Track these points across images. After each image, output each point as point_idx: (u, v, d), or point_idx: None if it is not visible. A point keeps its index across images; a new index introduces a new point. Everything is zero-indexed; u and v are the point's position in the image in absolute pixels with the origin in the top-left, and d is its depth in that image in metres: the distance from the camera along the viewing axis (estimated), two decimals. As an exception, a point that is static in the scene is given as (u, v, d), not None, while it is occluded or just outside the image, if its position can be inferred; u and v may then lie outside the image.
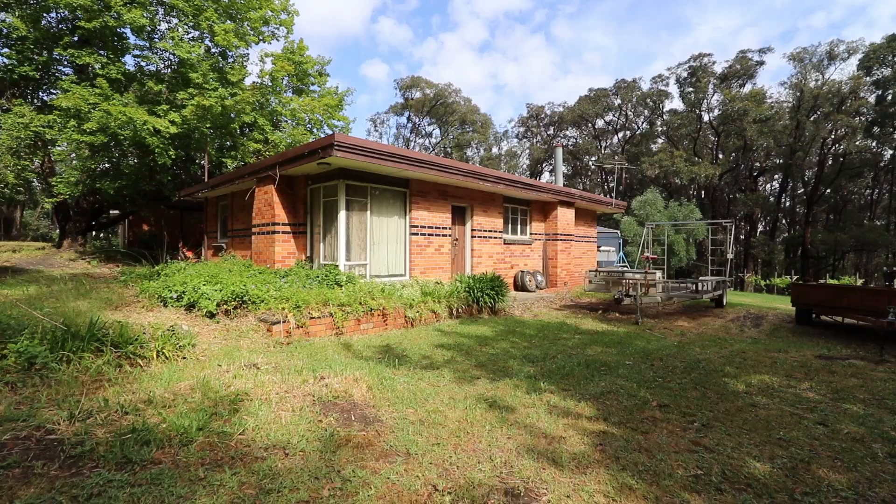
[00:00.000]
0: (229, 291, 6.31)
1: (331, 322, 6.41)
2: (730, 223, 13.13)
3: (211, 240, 14.10)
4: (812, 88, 40.37)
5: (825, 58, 40.56)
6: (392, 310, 7.21)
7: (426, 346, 5.99)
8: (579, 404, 3.85)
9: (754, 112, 39.73)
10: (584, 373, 4.91)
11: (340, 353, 5.34)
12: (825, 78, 40.74)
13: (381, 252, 9.70)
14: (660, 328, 8.44)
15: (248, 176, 10.21)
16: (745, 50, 45.40)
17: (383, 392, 3.80)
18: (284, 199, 9.61)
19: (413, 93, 44.98)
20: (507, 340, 6.61)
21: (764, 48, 45.35)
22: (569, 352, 6.03)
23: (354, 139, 7.84)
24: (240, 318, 6.18)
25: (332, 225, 9.14)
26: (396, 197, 10.02)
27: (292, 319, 5.96)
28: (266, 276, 8.02)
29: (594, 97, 50.72)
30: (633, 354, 6.01)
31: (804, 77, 41.10)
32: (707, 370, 5.32)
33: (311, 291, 6.88)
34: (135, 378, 3.87)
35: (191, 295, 6.43)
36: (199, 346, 5.07)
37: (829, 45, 40.20)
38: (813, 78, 41.18)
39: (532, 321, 8.67)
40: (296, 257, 9.73)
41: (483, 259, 12.07)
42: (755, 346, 6.99)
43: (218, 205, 13.80)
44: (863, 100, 37.83)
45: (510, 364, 5.17)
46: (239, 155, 15.75)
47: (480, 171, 10.57)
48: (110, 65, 14.39)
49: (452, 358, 5.36)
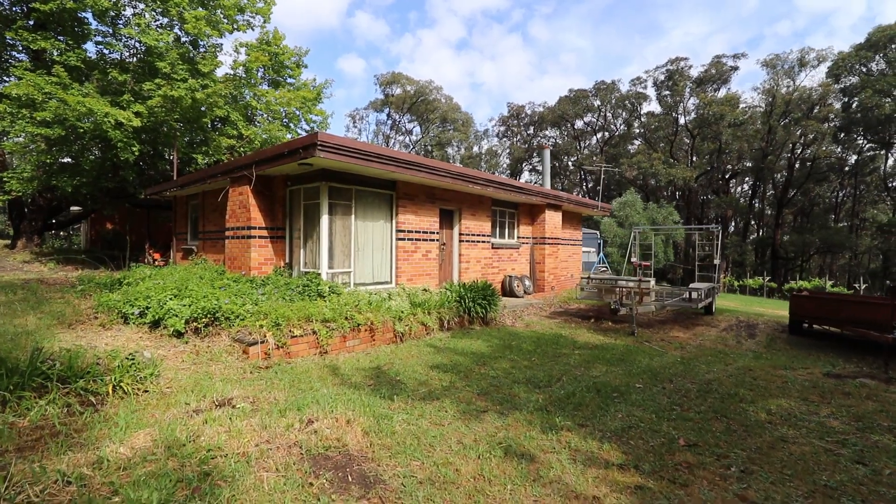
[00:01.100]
0: (199, 307, 5.66)
1: (314, 340, 5.84)
2: (717, 228, 13.08)
3: (180, 242, 13.20)
4: (784, 94, 41.50)
5: (796, 65, 41.74)
6: (380, 324, 6.68)
7: (420, 368, 5.49)
8: (603, 446, 3.43)
9: (730, 116, 40.58)
10: (596, 401, 4.51)
11: (327, 380, 4.79)
12: (796, 84, 41.93)
13: (366, 258, 9.13)
14: (657, 340, 8.17)
15: (222, 175, 9.46)
16: (720, 55, 46.37)
17: (382, 437, 3.29)
18: (261, 201, 8.93)
19: (393, 89, 44.14)
20: (505, 359, 6.18)
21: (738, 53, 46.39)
22: (573, 372, 5.64)
23: (339, 138, 7.26)
24: (212, 336, 5.54)
25: (314, 230, 8.53)
26: (382, 200, 9.46)
27: (271, 339, 5.37)
28: (241, 287, 7.36)
29: (574, 98, 50.93)
30: (639, 375, 5.67)
31: (776, 83, 42.20)
32: (721, 394, 5.01)
33: (293, 305, 6.28)
34: (85, 424, 3.25)
35: (156, 311, 5.75)
36: (165, 374, 4.44)
37: (800, 52, 41.35)
38: (784, 84, 42.33)
39: (526, 333, 8.27)
40: (273, 264, 9.07)
41: (471, 264, 11.63)
42: (758, 361, 6.77)
43: (188, 204, 12.92)
44: (830, 106, 39.08)
45: (516, 391, 4.73)
46: (211, 151, 14.83)
47: (470, 174, 10.11)
48: (69, 51, 13.29)
49: (452, 384, 4.88)
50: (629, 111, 51.90)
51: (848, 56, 37.46)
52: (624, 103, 51.12)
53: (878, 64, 37.13)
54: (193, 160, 14.61)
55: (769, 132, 42.02)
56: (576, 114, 51.31)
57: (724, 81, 46.58)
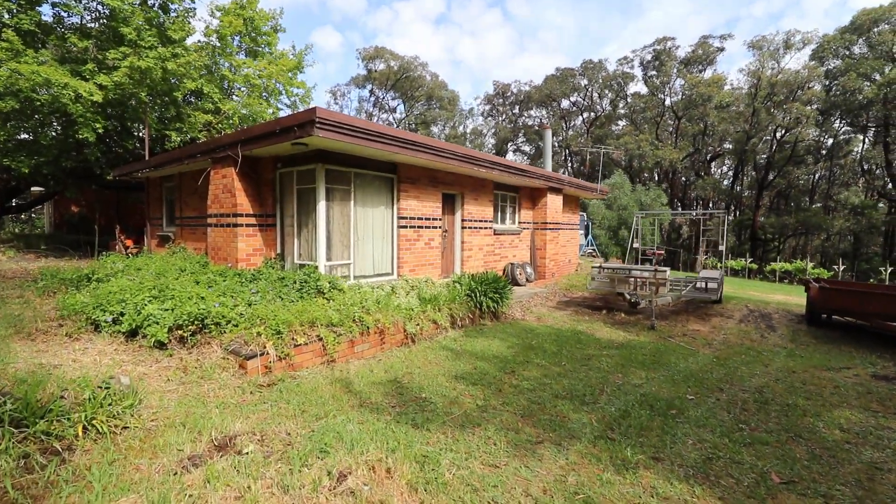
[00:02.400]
0: (185, 311, 4.84)
1: (320, 348, 5.11)
2: (723, 213, 12.71)
3: (155, 228, 12.09)
4: (768, 76, 41.51)
5: (781, 47, 41.68)
6: (391, 325, 5.98)
7: (444, 379, 4.85)
8: (694, 490, 2.87)
9: (717, 98, 40.45)
10: (656, 421, 3.96)
11: (342, 400, 4.10)
12: (781, 66, 41.96)
13: (367, 248, 8.35)
14: (678, 335, 7.72)
15: (202, 155, 8.46)
16: (707, 35, 46.00)
17: (434, 494, 2.63)
18: (248, 185, 8.00)
19: (377, 64, 42.29)
20: (532, 364, 5.59)
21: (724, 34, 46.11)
22: (611, 380, 5.09)
23: (339, 115, 6.39)
24: (201, 347, 4.75)
25: (309, 218, 7.68)
26: (382, 184, 8.64)
27: (272, 350, 4.62)
28: (230, 283, 6.53)
29: (561, 76, 49.98)
30: (683, 382, 5.16)
31: (762, 65, 42.13)
32: (780, 406, 4.55)
33: (293, 307, 5.51)
34: (49, 485, 2.50)
35: (132, 317, 4.90)
36: (149, 401, 3.67)
37: (786, 34, 41.27)
38: (769, 66, 42.30)
39: (542, 329, 7.71)
40: (263, 255, 8.21)
41: (473, 252, 10.97)
42: (795, 360, 6.37)
43: (163, 186, 11.77)
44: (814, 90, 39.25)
45: (561, 409, 4.13)
46: (185, 128, 13.56)
47: (477, 156, 9.34)
48: (22, 13, 11.77)
49: (486, 402, 4.25)
50: (615, 91, 51.34)
51: (833, 39, 37.51)
52: (611, 83, 50.49)
53: (860, 47, 37.28)
54: (167, 137, 13.36)
55: (753, 114, 42.15)
56: (563, 93, 50.47)
57: (709, 62, 46.35)
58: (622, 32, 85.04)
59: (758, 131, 42.96)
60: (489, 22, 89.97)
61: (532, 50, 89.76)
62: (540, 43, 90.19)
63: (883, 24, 34.46)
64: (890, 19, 34.26)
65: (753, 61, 44.29)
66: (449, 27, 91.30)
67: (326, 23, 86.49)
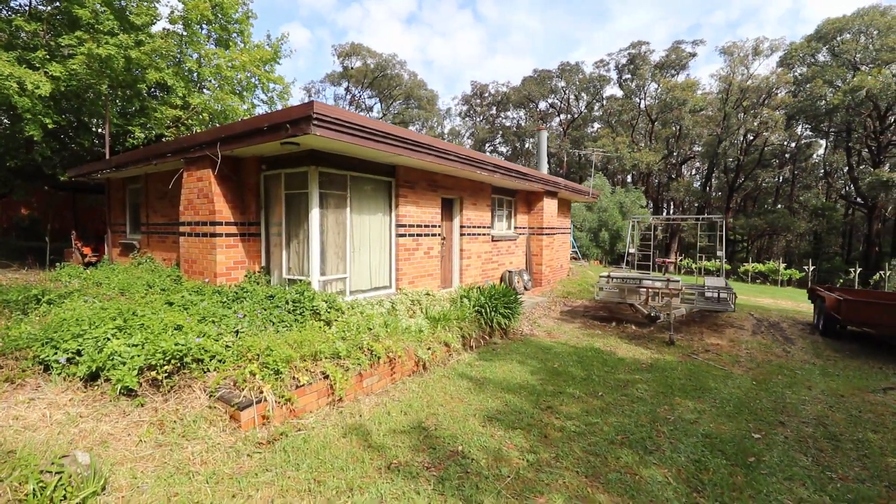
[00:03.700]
0: (158, 348, 3.93)
1: (325, 387, 4.30)
2: (721, 219, 12.49)
3: (118, 235, 10.85)
4: (739, 81, 42.59)
5: (750, 53, 42.86)
6: (402, 353, 5.22)
7: (475, 422, 4.13)
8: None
9: (691, 102, 41.21)
10: (738, 475, 3.37)
11: (364, 461, 3.33)
12: (750, 72, 43.15)
13: (363, 260, 7.54)
14: (700, 350, 7.26)
15: (173, 154, 7.44)
16: (680, 41, 46.98)
17: None
18: (228, 189, 7.06)
19: (353, 61, 41.02)
20: (566, 395, 4.94)
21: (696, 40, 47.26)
22: (660, 415, 4.49)
23: (339, 111, 5.57)
24: (179, 392, 3.87)
25: (300, 226, 6.81)
26: (380, 189, 7.84)
27: (270, 395, 3.79)
28: (210, 304, 5.61)
29: (539, 78, 49.99)
30: (737, 415, 4.63)
31: (733, 70, 43.20)
32: (854, 443, 4.08)
33: (289, 336, 4.67)
34: None
35: (92, 356, 3.96)
36: (117, 479, 2.81)
37: (755, 41, 42.47)
38: (739, 72, 43.42)
39: (557, 347, 7.09)
40: (245, 268, 7.27)
41: (472, 260, 10.28)
42: (834, 381, 5.97)
43: (126, 189, 10.56)
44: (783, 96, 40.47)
45: (626, 462, 3.49)
46: (151, 123, 12.33)
47: (480, 158, 8.66)
48: (-47, -10, 10.37)
49: (536, 455, 3.56)
50: (591, 94, 51.76)
51: (800, 46, 38.76)
52: (587, 86, 50.86)
53: (824, 55, 38.65)
54: (129, 134, 12.10)
55: (724, 118, 43.19)
56: (541, 94, 50.50)
57: (682, 67, 47.33)
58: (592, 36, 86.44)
59: (729, 135, 44.07)
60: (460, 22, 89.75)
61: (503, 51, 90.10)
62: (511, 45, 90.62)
63: (846, 33, 35.79)
64: (852, 29, 35.62)
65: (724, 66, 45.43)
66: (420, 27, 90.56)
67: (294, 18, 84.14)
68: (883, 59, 33.08)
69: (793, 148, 46.94)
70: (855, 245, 48.27)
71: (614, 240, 33.23)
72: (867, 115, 35.03)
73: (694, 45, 46.34)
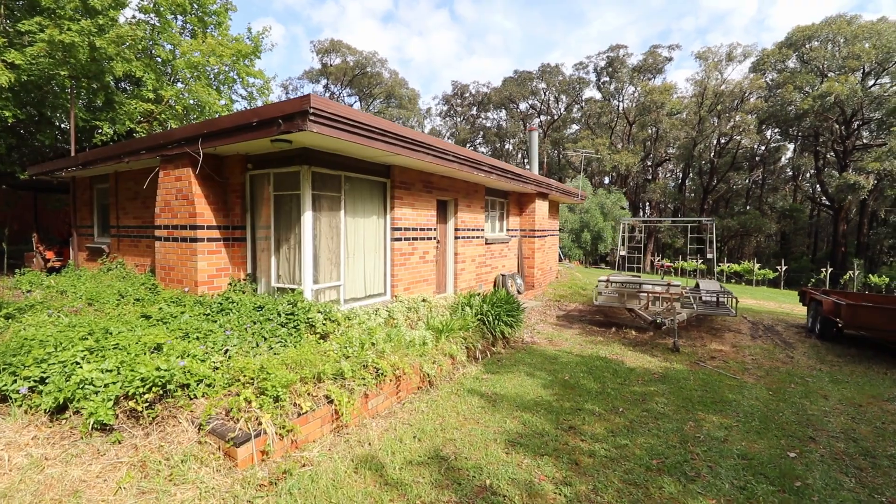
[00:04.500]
0: (138, 374, 3.42)
1: (330, 413, 3.86)
2: (711, 221, 12.49)
3: (85, 238, 10.02)
4: (713, 86, 43.65)
5: (724, 58, 43.97)
6: (409, 369, 4.81)
7: (497, 449, 3.77)
8: None
9: (669, 105, 41.97)
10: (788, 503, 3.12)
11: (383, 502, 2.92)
12: (723, 77, 44.27)
13: (357, 266, 7.08)
14: (705, 357, 7.09)
15: (148, 151, 6.82)
16: (657, 45, 47.80)
17: None
18: (210, 190, 6.49)
19: (332, 58, 40.09)
20: (585, 412, 4.63)
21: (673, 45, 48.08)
22: (687, 432, 4.23)
23: (340, 107, 5.13)
24: (162, 423, 3.36)
25: (291, 231, 6.31)
26: (374, 190, 7.40)
27: (270, 426, 3.33)
28: (192, 316, 5.07)
29: (520, 79, 50.10)
30: (763, 430, 4.41)
31: (707, 75, 44.22)
32: (890, 460, 3.90)
33: (286, 355, 4.20)
34: None
35: (59, 384, 3.41)
36: (88, 541, 2.32)
37: (728, 47, 43.59)
38: (714, 77, 44.49)
39: (562, 356, 6.80)
40: (229, 275, 6.71)
41: (466, 264, 9.93)
42: (845, 388, 5.86)
43: (94, 188, 9.76)
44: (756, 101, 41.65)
45: (670, 492, 3.18)
46: (118, 117, 11.49)
47: (479, 158, 8.31)
48: None
49: (572, 487, 3.22)
50: (571, 96, 52.18)
51: (771, 53, 39.94)
52: (567, 88, 51.23)
53: (793, 62, 39.91)
54: (96, 129, 11.26)
55: (699, 122, 44.19)
56: (521, 95, 50.61)
57: (658, 71, 48.20)
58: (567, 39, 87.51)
59: (703, 138, 45.13)
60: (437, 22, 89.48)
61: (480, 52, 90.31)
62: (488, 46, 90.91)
63: (815, 40, 37.05)
64: (820, 37, 36.90)
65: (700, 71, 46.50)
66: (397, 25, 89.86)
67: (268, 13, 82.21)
68: (849, 67, 34.38)
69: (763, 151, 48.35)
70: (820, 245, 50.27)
71: (596, 241, 33.47)
72: (834, 120, 36.34)
73: (670, 50, 47.23)
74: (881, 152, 30.75)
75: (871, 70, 34.92)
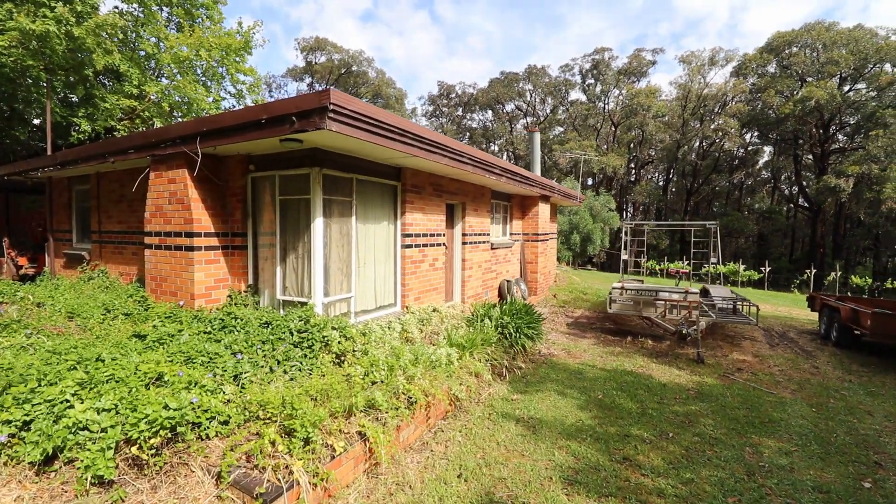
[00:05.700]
0: (143, 416, 2.89)
1: (363, 451, 3.39)
2: (715, 225, 12.37)
3: (62, 244, 9.23)
4: (696, 90, 44.31)
5: (707, 63, 44.66)
6: (440, 392, 4.36)
7: (554, 487, 3.36)
8: None
9: (654, 108, 42.39)
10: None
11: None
12: (706, 81, 44.97)
13: (368, 276, 6.58)
14: (732, 369, 6.83)
15: (136, 151, 6.20)
16: (641, 48, 48.39)
17: None
18: (208, 194, 5.92)
19: (317, 56, 39.21)
20: (633, 439, 4.25)
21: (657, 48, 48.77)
22: (748, 460, 3.90)
23: (361, 103, 4.64)
24: (171, 473, 2.84)
25: (300, 239, 5.78)
26: (385, 194, 6.92)
27: (304, 476, 2.85)
28: (192, 335, 4.52)
29: (506, 81, 49.98)
30: (825, 455, 4.11)
31: (691, 79, 44.86)
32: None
33: (309, 384, 3.70)
34: None
35: (46, 429, 2.85)
36: None
37: (711, 51, 44.30)
38: (697, 80, 45.16)
39: (587, 370, 6.44)
40: (228, 287, 6.14)
41: (473, 270, 9.51)
42: (885, 402, 5.65)
43: (72, 190, 8.99)
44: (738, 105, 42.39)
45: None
46: (98, 114, 10.71)
47: (492, 161, 7.90)
48: None
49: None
50: (557, 98, 52.32)
51: (753, 58, 40.67)
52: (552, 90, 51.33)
53: (773, 67, 40.74)
54: (74, 126, 10.46)
55: (683, 125, 44.80)
56: (508, 97, 50.51)
57: (642, 74, 48.71)
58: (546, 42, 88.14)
59: (686, 141, 45.77)
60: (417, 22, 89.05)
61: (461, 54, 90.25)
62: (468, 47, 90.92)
63: (794, 46, 37.86)
64: (800, 42, 37.73)
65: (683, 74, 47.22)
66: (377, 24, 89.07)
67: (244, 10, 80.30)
68: (828, 72, 35.23)
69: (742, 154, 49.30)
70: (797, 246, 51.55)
71: (585, 242, 33.46)
72: (813, 124, 37.22)
73: (654, 54, 47.76)
74: (859, 156, 31.56)
75: (847, 76, 35.84)
